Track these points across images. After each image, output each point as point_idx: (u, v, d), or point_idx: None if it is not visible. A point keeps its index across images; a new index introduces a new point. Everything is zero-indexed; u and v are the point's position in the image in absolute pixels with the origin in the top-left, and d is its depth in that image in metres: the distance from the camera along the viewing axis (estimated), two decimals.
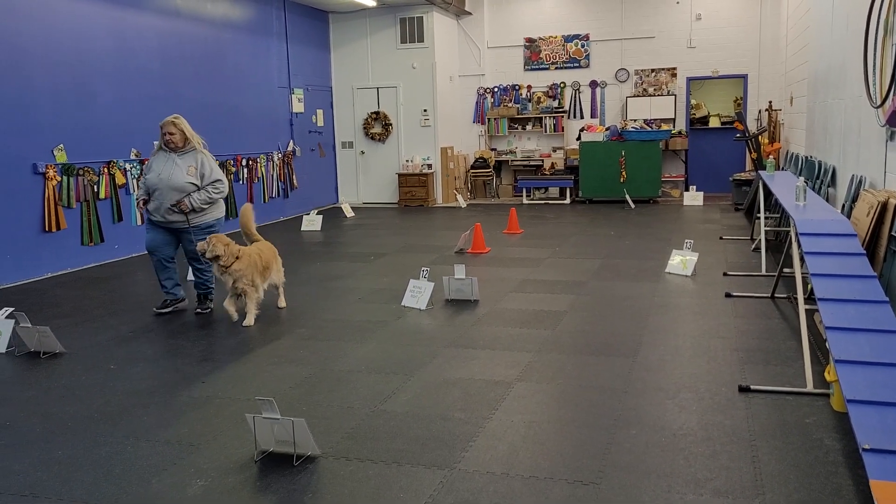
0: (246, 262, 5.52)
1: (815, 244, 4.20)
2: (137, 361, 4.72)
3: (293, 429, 3.18)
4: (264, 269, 5.70)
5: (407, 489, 2.96)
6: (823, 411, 3.61)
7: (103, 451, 3.39)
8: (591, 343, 4.86)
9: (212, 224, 5.96)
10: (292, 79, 12.23)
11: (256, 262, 5.60)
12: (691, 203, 12.22)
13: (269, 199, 11.56)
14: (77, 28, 7.97)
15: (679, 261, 6.94)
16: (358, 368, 4.47)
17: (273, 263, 5.90)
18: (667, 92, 13.37)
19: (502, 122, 14.15)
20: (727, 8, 12.96)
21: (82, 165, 7.98)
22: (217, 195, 5.91)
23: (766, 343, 4.73)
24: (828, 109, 7.55)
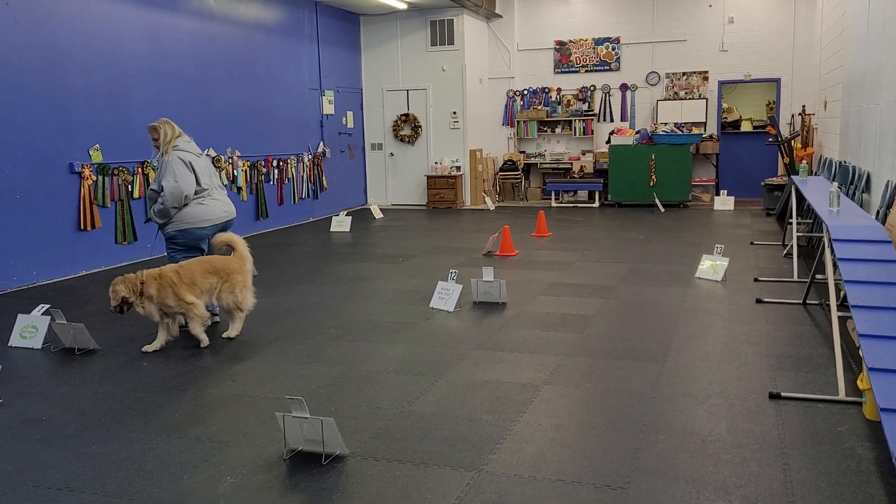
0: (156, 284, 4.83)
1: (849, 250, 4.15)
2: (169, 359, 4.80)
3: (322, 428, 3.22)
4: (192, 284, 4.93)
5: (434, 490, 2.98)
6: (856, 420, 3.56)
7: (136, 447, 3.45)
8: (620, 347, 4.84)
9: (173, 235, 5.42)
10: (323, 81, 12.34)
11: (173, 278, 4.86)
12: (722, 208, 12.10)
13: (299, 199, 11.67)
14: (113, 31, 8.13)
15: (709, 266, 6.88)
16: (386, 369, 4.50)
17: (221, 280, 5.08)
18: (698, 95, 13.25)
19: (531, 125, 14.12)
20: (760, 11, 12.81)
21: (117, 165, 8.12)
22: (162, 204, 5.30)
23: (798, 350, 4.67)
24: (862, 114, 7.43)
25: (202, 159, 5.54)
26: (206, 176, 5.47)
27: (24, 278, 7.14)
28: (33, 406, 4.02)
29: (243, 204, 10.28)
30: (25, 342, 5.10)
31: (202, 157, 5.55)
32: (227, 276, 5.09)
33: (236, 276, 5.13)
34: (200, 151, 5.56)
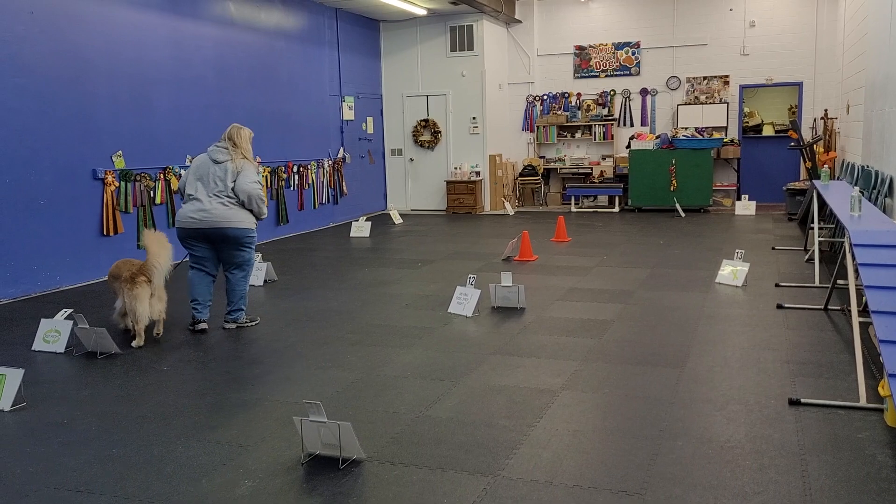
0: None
1: (871, 255, 4.10)
2: (189, 363, 4.85)
3: (339, 432, 3.24)
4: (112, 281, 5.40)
5: (450, 495, 2.99)
6: (877, 426, 3.52)
7: (156, 451, 3.49)
8: (638, 353, 4.82)
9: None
10: (343, 87, 12.42)
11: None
12: (743, 212, 12.00)
13: (320, 205, 11.74)
14: (136, 39, 8.24)
15: (730, 271, 6.83)
16: (404, 374, 4.52)
17: (120, 283, 5.31)
18: (719, 100, 13.16)
19: (551, 130, 14.11)
20: (782, 15, 12.71)
21: (139, 171, 8.23)
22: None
23: (818, 356, 4.62)
24: (885, 118, 7.35)
25: (207, 166, 5.53)
26: (196, 181, 5.53)
27: (48, 283, 7.25)
28: (55, 409, 4.08)
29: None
30: (48, 346, 5.18)
31: (210, 165, 5.52)
32: (124, 281, 5.25)
33: (124, 284, 5.22)
34: (220, 159, 5.51)
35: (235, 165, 5.50)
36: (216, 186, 5.48)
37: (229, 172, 5.49)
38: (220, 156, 5.53)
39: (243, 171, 5.51)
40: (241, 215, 5.53)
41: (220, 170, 5.50)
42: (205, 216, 5.45)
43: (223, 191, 5.47)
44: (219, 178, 5.49)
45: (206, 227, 5.47)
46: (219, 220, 5.46)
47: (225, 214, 5.47)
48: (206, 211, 5.45)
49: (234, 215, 5.50)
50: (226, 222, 5.47)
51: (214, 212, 5.45)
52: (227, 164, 5.50)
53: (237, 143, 5.57)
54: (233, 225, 5.50)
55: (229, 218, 5.48)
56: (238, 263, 5.66)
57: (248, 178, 5.52)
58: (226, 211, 5.47)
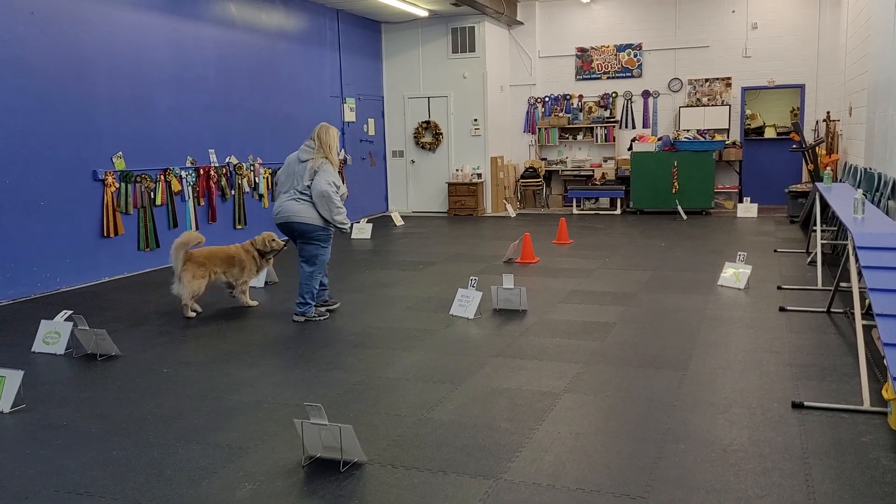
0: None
1: (874, 258, 4.08)
2: (190, 365, 4.84)
3: (340, 435, 3.22)
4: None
5: (452, 498, 2.97)
6: (880, 430, 3.50)
7: (155, 453, 3.48)
8: (641, 355, 4.80)
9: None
10: (344, 88, 12.41)
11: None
12: (745, 215, 11.98)
13: None
14: (137, 39, 8.24)
15: (732, 273, 6.81)
16: (405, 376, 4.50)
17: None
18: (721, 102, 13.14)
19: (553, 132, 14.09)
20: (784, 17, 12.69)
21: (140, 172, 8.22)
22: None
23: (821, 359, 4.60)
24: (888, 120, 7.33)
25: (294, 165, 5.86)
26: (285, 178, 5.91)
27: (48, 284, 7.24)
28: (55, 411, 4.06)
29: (265, 211, 10.34)
30: (48, 348, 5.17)
31: (296, 163, 5.85)
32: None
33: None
34: (304, 158, 5.81)
35: (314, 164, 5.74)
36: (295, 183, 5.80)
37: (308, 171, 5.75)
38: (304, 154, 5.83)
39: (321, 170, 5.73)
40: (309, 211, 5.78)
41: (301, 168, 5.80)
42: (280, 211, 5.84)
43: (300, 188, 5.77)
44: (299, 175, 5.80)
45: (281, 221, 5.86)
46: (289, 214, 5.79)
47: (294, 209, 5.77)
48: (281, 206, 5.83)
49: (303, 210, 5.77)
50: (294, 216, 5.78)
51: (285, 206, 5.80)
52: (308, 163, 5.77)
53: (322, 142, 5.81)
54: (300, 219, 5.77)
55: (297, 212, 5.77)
56: (306, 257, 5.93)
57: (324, 178, 5.71)
58: (295, 205, 5.77)
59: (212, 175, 9.26)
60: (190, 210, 8.95)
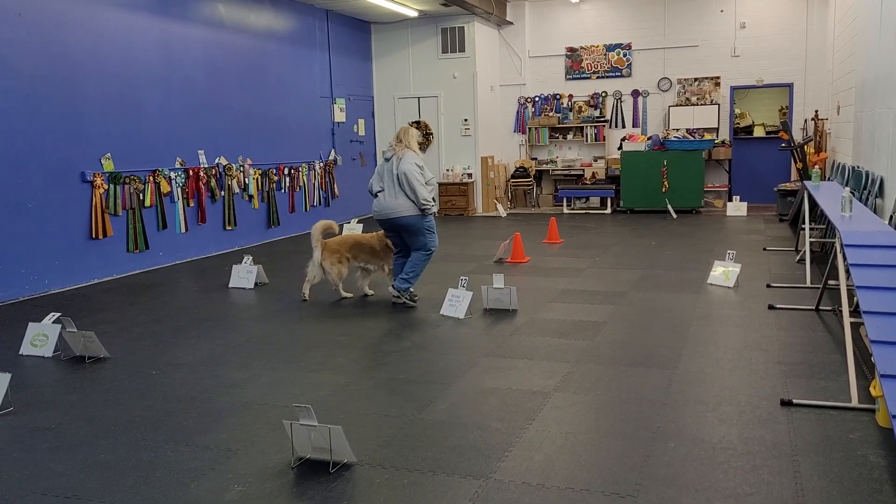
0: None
1: (861, 256, 4.10)
2: (179, 367, 4.82)
3: (330, 436, 3.21)
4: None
5: (442, 498, 2.96)
6: (868, 427, 3.52)
7: (144, 455, 3.46)
8: (631, 354, 4.81)
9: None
10: (334, 89, 12.39)
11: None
12: (735, 213, 12.03)
13: (311, 207, 11.70)
14: (125, 40, 8.19)
15: (721, 272, 6.83)
16: (395, 377, 4.49)
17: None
18: (710, 101, 13.19)
19: (543, 132, 14.11)
20: (772, 16, 12.75)
21: (128, 174, 8.18)
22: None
23: (810, 356, 4.63)
24: (876, 119, 7.37)
25: (382, 165, 6.29)
26: (378, 179, 6.29)
27: (36, 287, 7.19)
28: (43, 414, 4.04)
29: (255, 212, 10.32)
30: (36, 350, 5.14)
31: (383, 163, 6.28)
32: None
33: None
34: (388, 156, 6.25)
35: (399, 154, 6.16)
36: (388, 180, 6.17)
37: (394, 163, 6.16)
38: (388, 153, 6.29)
39: (403, 157, 6.15)
40: (405, 204, 6.12)
41: (389, 165, 6.21)
42: (380, 209, 6.23)
43: (391, 182, 6.14)
44: (388, 171, 6.19)
45: (382, 218, 6.24)
46: (389, 210, 6.16)
47: (392, 205, 6.14)
48: (378, 204, 6.24)
49: (399, 204, 6.12)
50: (394, 212, 6.15)
51: (385, 203, 6.17)
52: (394, 160, 6.19)
53: (402, 140, 6.26)
54: (398, 214, 6.14)
55: (396, 208, 6.13)
56: (418, 247, 6.30)
57: (408, 160, 6.13)
58: (393, 201, 6.13)
59: (201, 176, 9.23)
60: (179, 211, 8.91)
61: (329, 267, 6.57)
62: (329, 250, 6.58)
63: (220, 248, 9.61)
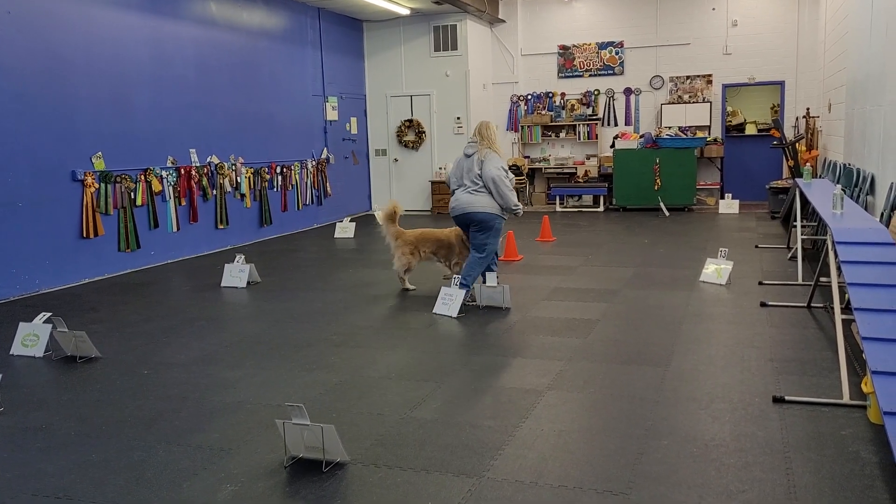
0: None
1: (852, 253, 4.12)
2: (171, 367, 4.80)
3: (322, 435, 3.20)
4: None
5: (435, 497, 2.96)
6: (860, 423, 3.53)
7: (136, 455, 3.44)
8: (623, 352, 4.81)
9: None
10: (326, 87, 12.36)
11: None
12: (727, 211, 12.06)
13: (303, 206, 11.68)
14: (116, 38, 8.15)
15: (713, 269, 6.85)
16: (388, 375, 4.48)
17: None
18: (702, 99, 13.22)
19: (536, 130, 14.11)
20: (764, 14, 12.78)
21: (120, 173, 8.14)
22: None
23: (802, 353, 4.64)
24: (866, 116, 7.40)
25: (462, 161, 6.28)
26: (456, 175, 6.32)
27: (27, 286, 7.15)
28: (34, 414, 4.01)
29: (247, 210, 10.29)
30: (27, 350, 5.11)
31: (464, 159, 6.27)
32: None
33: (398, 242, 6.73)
34: (469, 152, 6.22)
35: (480, 155, 6.14)
36: (467, 177, 6.19)
37: (475, 162, 6.14)
38: (469, 150, 6.25)
39: (487, 159, 6.13)
40: (483, 200, 6.12)
41: (469, 162, 6.20)
42: (455, 204, 6.25)
43: (471, 179, 6.15)
44: (468, 168, 6.19)
45: (457, 213, 6.26)
46: (464, 206, 6.18)
47: (468, 200, 6.15)
48: (456, 200, 6.25)
49: (477, 200, 6.12)
50: (469, 207, 6.15)
51: (461, 199, 6.20)
52: (474, 156, 6.17)
53: (484, 136, 6.24)
54: (474, 209, 6.12)
55: (472, 203, 6.13)
56: (476, 245, 6.24)
57: (492, 164, 6.12)
58: (469, 197, 6.15)
59: (193, 175, 9.20)
60: (171, 210, 8.88)
61: (399, 256, 6.68)
62: (404, 241, 6.68)
63: (212, 247, 9.58)
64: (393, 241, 6.73)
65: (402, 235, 6.71)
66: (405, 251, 6.68)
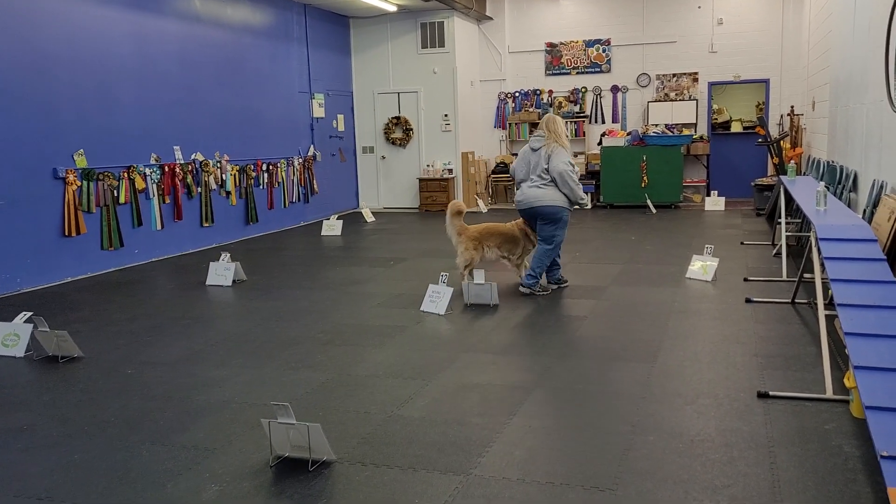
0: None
1: (836, 249, 4.14)
2: (155, 366, 4.76)
3: (308, 434, 3.19)
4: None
5: (422, 495, 2.95)
6: (843, 418, 3.56)
7: (119, 456, 3.41)
8: (611, 348, 4.82)
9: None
10: (313, 84, 12.31)
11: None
12: (713, 208, 12.12)
13: (290, 203, 11.63)
14: (99, 33, 8.08)
15: (699, 266, 6.88)
16: (375, 373, 4.47)
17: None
18: (688, 97, 13.27)
19: (523, 127, 14.11)
20: (749, 12, 12.85)
21: (102, 170, 8.07)
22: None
23: (786, 349, 4.67)
24: (850, 114, 7.45)
25: (529, 155, 6.41)
26: (522, 169, 6.45)
27: (9, 286, 7.08)
28: (15, 415, 3.97)
29: (233, 208, 10.24)
30: (7, 350, 5.04)
31: (530, 153, 6.40)
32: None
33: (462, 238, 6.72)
34: (535, 147, 6.36)
35: (548, 149, 6.27)
36: (534, 171, 6.32)
37: (542, 157, 6.27)
38: (536, 143, 6.38)
39: (554, 153, 6.26)
40: (551, 194, 6.27)
41: (536, 156, 6.34)
42: (522, 199, 6.41)
43: (538, 174, 6.28)
44: (535, 163, 6.32)
45: (524, 207, 6.42)
46: (531, 199, 6.33)
47: (536, 194, 6.30)
48: (523, 194, 6.40)
49: (544, 194, 6.27)
50: (536, 201, 6.30)
51: (528, 193, 6.34)
52: (541, 150, 6.30)
53: (551, 130, 6.35)
54: (542, 203, 6.28)
55: (539, 196, 6.28)
56: (544, 237, 6.42)
57: (559, 159, 6.26)
58: (537, 191, 6.29)
59: (177, 172, 9.13)
60: (155, 208, 8.81)
61: (463, 251, 6.66)
62: (469, 236, 6.67)
63: (197, 245, 9.52)
64: (456, 236, 6.71)
65: (466, 231, 6.68)
66: (469, 246, 6.64)
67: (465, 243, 6.65)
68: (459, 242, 6.68)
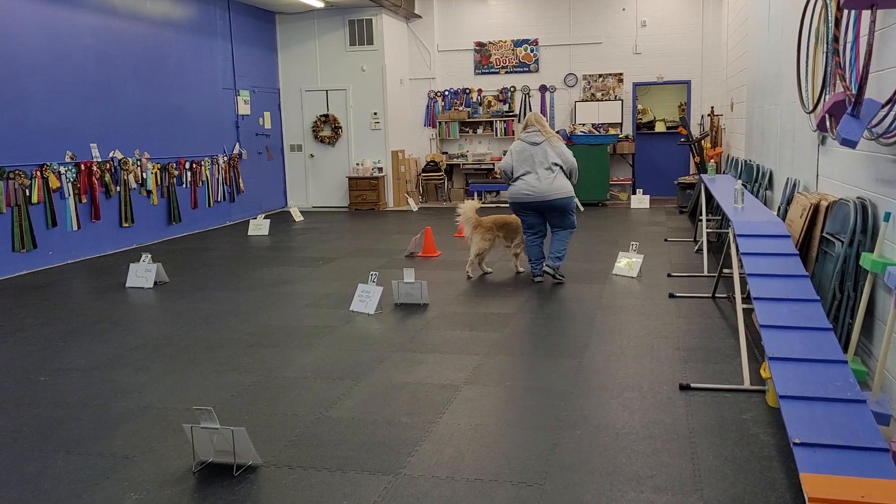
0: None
1: (751, 245, 4.29)
2: (70, 372, 4.57)
3: (233, 438, 3.11)
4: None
5: (350, 496, 2.92)
6: (759, 407, 3.69)
7: (32, 467, 3.26)
8: (539, 345, 4.88)
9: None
10: (238, 80, 12.05)
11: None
12: (638, 206, 12.41)
13: (215, 202, 11.35)
14: (6, 24, 7.70)
15: (625, 263, 7.03)
16: (303, 375, 4.40)
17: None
18: (614, 97, 13.56)
19: (453, 126, 14.16)
20: (671, 15, 13.21)
21: (13, 168, 7.70)
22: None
23: (707, 342, 4.81)
24: (765, 115, 7.74)
25: (530, 148, 6.59)
26: (521, 163, 6.60)
27: None
28: None
29: (154, 208, 9.93)
30: None
31: (531, 147, 6.59)
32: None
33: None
34: (537, 141, 6.59)
35: (552, 143, 6.58)
36: (541, 164, 6.52)
37: (547, 149, 6.54)
38: (536, 138, 6.62)
39: (558, 146, 6.61)
40: (564, 185, 6.55)
41: (540, 150, 6.56)
42: (532, 192, 6.52)
43: (548, 166, 6.50)
44: (541, 156, 6.54)
45: (536, 200, 6.53)
46: (546, 193, 6.49)
47: (551, 187, 6.49)
48: (532, 187, 6.52)
49: (560, 186, 6.52)
50: (553, 193, 6.50)
51: (537, 187, 6.50)
52: (544, 144, 6.57)
53: (543, 125, 6.69)
54: (559, 195, 6.51)
55: (556, 189, 6.50)
56: (566, 226, 6.71)
57: (568, 151, 6.67)
58: (551, 184, 6.49)
59: (94, 171, 8.80)
60: (70, 208, 8.46)
61: (478, 241, 6.93)
62: (483, 228, 6.96)
63: (116, 246, 9.19)
64: (472, 229, 6.98)
65: (481, 223, 6.99)
66: (485, 237, 6.95)
67: (482, 234, 6.96)
68: (475, 233, 6.97)
